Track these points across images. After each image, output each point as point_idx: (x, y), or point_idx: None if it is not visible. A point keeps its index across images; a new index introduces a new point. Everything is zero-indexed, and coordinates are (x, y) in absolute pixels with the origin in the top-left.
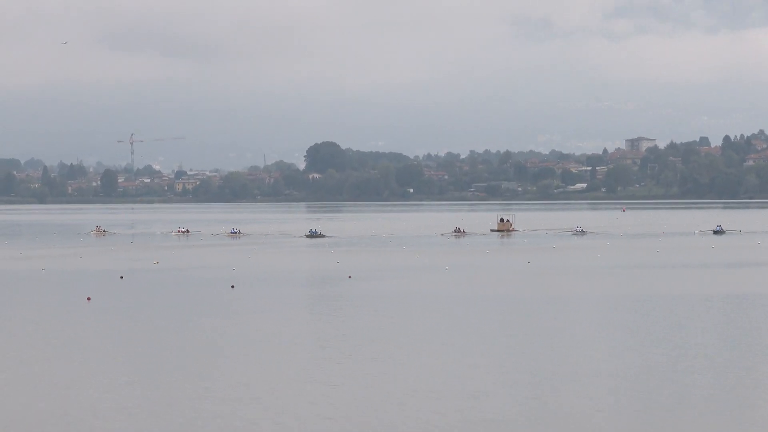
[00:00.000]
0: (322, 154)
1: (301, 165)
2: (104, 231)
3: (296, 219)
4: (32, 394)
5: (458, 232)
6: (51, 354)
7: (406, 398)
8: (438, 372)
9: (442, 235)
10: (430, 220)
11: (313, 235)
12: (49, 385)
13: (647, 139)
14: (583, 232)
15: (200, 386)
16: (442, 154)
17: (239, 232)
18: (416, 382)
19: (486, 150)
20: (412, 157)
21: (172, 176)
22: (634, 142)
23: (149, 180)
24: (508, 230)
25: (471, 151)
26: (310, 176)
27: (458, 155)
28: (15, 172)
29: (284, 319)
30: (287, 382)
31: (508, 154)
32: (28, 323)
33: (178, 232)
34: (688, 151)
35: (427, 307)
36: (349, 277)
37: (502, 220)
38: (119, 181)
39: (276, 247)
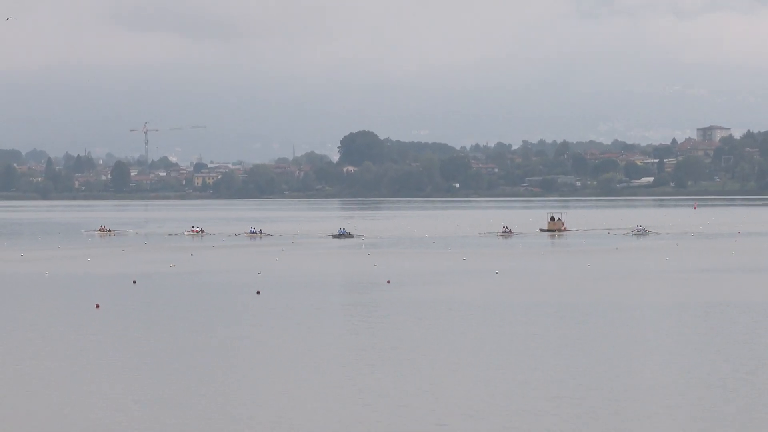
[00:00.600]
0: (358, 145)
1: (335, 157)
2: (109, 230)
3: (326, 217)
4: (35, 411)
5: (505, 231)
6: (55, 368)
7: (449, 417)
8: (486, 388)
9: (480, 234)
10: (478, 218)
11: (341, 235)
12: (52, 402)
13: (721, 128)
14: (644, 232)
15: (222, 406)
16: (491, 144)
17: (260, 232)
18: (461, 400)
19: (541, 140)
20: (458, 148)
21: (191, 169)
22: (706, 132)
23: (165, 173)
24: (559, 230)
25: (524, 141)
26: (345, 169)
27: (510, 146)
28: (15, 165)
29: (316, 329)
30: (319, 401)
31: (565, 144)
32: (30, 334)
33: (192, 232)
34: (767, 142)
35: (475, 316)
36: (388, 282)
37: (552, 218)
38: (132, 174)
39: (306, 249)
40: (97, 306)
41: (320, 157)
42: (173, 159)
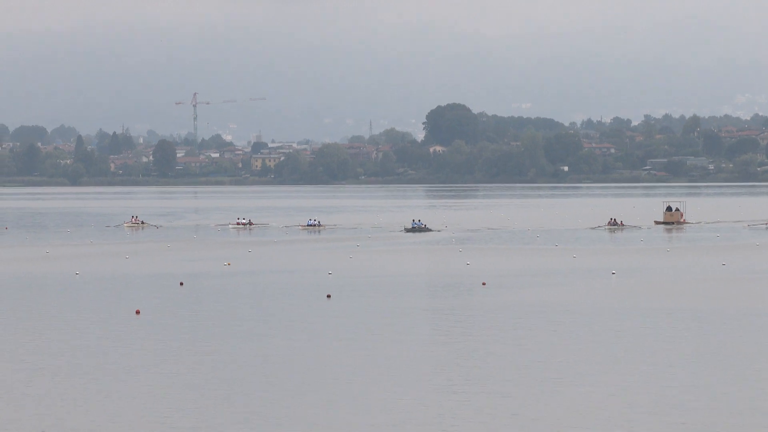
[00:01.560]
0: (447, 121)
1: (419, 135)
2: (142, 222)
3: (406, 206)
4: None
5: (614, 224)
6: (88, 387)
7: None
8: (601, 410)
9: (592, 228)
10: (590, 208)
11: (416, 228)
12: (86, 427)
13: None
14: None
15: None
16: (606, 120)
17: (319, 224)
18: (571, 424)
19: (666, 114)
20: (566, 124)
21: (248, 150)
22: None
23: (218, 154)
24: (678, 222)
25: (645, 116)
26: (431, 149)
27: (629, 122)
28: (40, 144)
29: (400, 341)
30: (408, 426)
31: (695, 119)
32: (60, 345)
33: (237, 224)
34: None
35: (590, 325)
36: (483, 284)
37: (669, 209)
38: (178, 156)
39: (384, 245)
40: (138, 312)
41: (402, 135)
42: (227, 137)
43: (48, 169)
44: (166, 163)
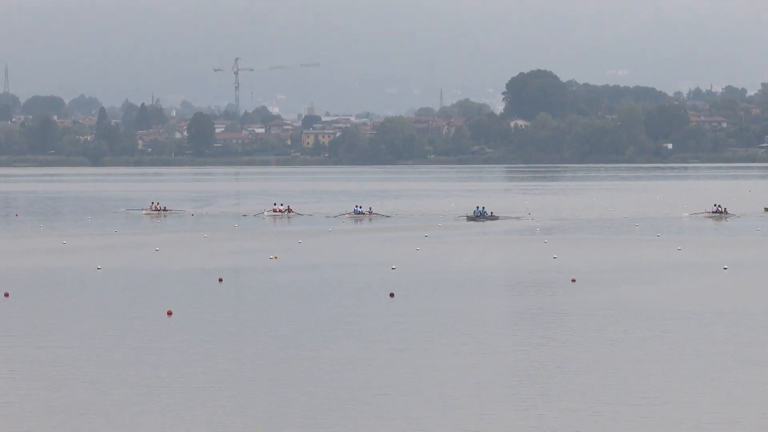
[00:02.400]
0: (531, 91)
1: (498, 107)
2: (164, 209)
3: (481, 190)
4: None
5: (717, 212)
6: (112, 399)
7: None
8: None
9: (691, 215)
10: (699, 191)
11: (479, 216)
12: None
13: None
14: None
15: None
16: (717, 89)
17: (369, 212)
18: None
19: None
20: (670, 94)
21: (299, 124)
22: None
23: (263, 130)
24: None
25: (763, 84)
26: (512, 124)
27: (743, 91)
28: (56, 118)
29: (476, 347)
30: None
31: None
32: (82, 352)
33: (274, 211)
34: None
35: (700, 331)
36: (573, 281)
37: None
38: (217, 131)
39: (461, 236)
40: (170, 313)
41: (478, 107)
42: (274, 110)
43: (65, 146)
44: (203, 140)
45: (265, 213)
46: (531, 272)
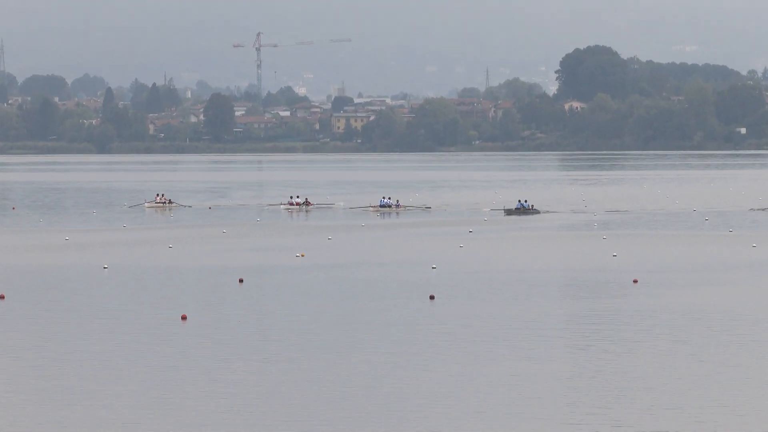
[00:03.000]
0: (587, 69)
1: (551, 87)
2: (170, 201)
3: (527, 180)
4: None
5: None
6: (122, 411)
7: None
8: None
9: (752, 210)
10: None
11: (521, 209)
12: None
13: None
14: None
15: None
16: None
17: (397, 205)
18: None
19: None
20: (744, 73)
21: (328, 107)
22: None
23: (288, 112)
24: None
25: None
26: (566, 106)
27: None
28: (57, 99)
29: (528, 355)
30: None
31: None
32: (89, 360)
33: (291, 204)
34: None
35: None
36: (635, 281)
37: None
38: (237, 114)
39: (510, 231)
40: (184, 318)
41: (528, 87)
42: (301, 91)
43: (67, 131)
44: (221, 124)
45: (281, 206)
46: (587, 272)
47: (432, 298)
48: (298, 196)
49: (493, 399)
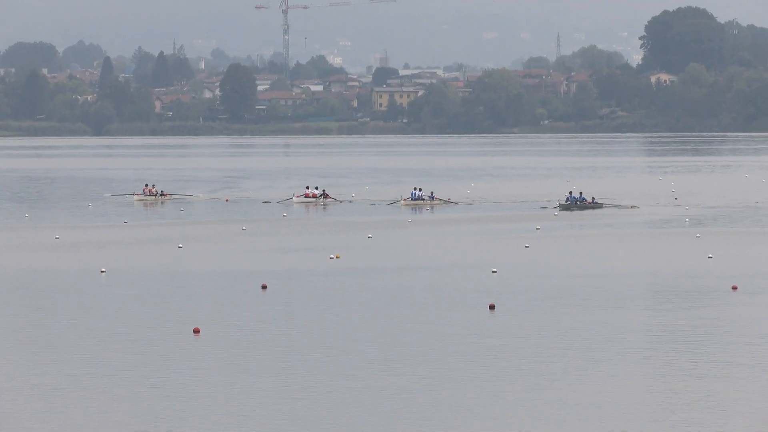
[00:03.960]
0: (678, 35)
1: (634, 56)
2: (162, 194)
3: (600, 167)
4: None
5: None
6: None
7: None
8: None
9: None
10: None
11: (575, 202)
12: None
13: None
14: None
15: None
16: None
17: (431, 198)
18: None
19: None
20: None
21: (368, 80)
22: None
23: (320, 87)
24: None
25: None
26: (653, 79)
27: None
28: (46, 71)
29: (607, 375)
30: None
31: None
32: (85, 382)
33: (306, 196)
34: None
35: None
36: (734, 288)
37: None
38: (260, 89)
39: (584, 229)
40: (197, 332)
41: (607, 56)
42: (335, 60)
43: (58, 109)
44: (241, 101)
45: (294, 198)
46: (678, 277)
47: (492, 308)
48: (317, 187)
49: (563, 427)
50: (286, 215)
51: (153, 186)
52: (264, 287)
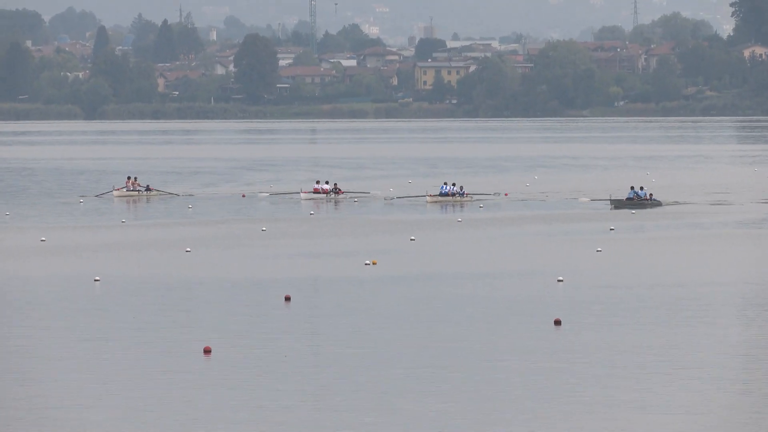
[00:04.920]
0: None
1: (724, 26)
2: (147, 189)
3: (677, 156)
4: None
5: None
6: None
7: None
8: None
9: None
10: None
11: (634, 198)
12: None
13: None
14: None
15: None
16: None
17: (462, 194)
18: None
19: None
20: None
21: (410, 53)
22: None
23: (354, 62)
24: None
25: None
26: (747, 53)
27: None
28: (30, 44)
29: (697, 400)
30: None
31: None
32: (79, 406)
33: (315, 192)
34: None
35: None
36: None
37: None
38: (282, 63)
39: (663, 229)
40: (207, 351)
41: (693, 26)
42: (371, 30)
43: (44, 88)
44: (259, 78)
45: (302, 194)
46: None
47: (558, 323)
48: (327, 182)
49: None
50: (314, 213)
51: (135, 179)
52: (287, 299)
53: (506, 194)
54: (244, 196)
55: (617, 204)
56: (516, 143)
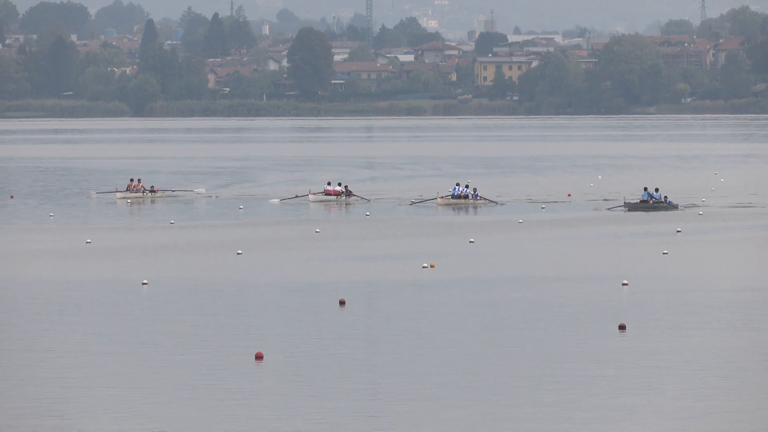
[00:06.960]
0: None
1: None
2: (151, 190)
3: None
4: None
5: None
6: None
7: None
8: None
9: None
10: None
11: (648, 201)
12: None
13: None
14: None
15: None
16: None
17: (475, 196)
18: None
19: None
20: None
21: (470, 47)
22: None
23: (411, 57)
24: None
25: None
26: None
27: None
28: (75, 38)
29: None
30: None
31: None
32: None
33: (326, 193)
34: None
35: None
36: None
37: None
38: (336, 59)
39: (743, 231)
40: (260, 357)
41: (762, 19)
42: (430, 24)
43: (90, 84)
44: (314, 74)
45: (311, 196)
46: None
47: (622, 328)
48: (339, 183)
49: None
50: (369, 214)
51: (138, 181)
52: (342, 303)
53: (569, 195)
54: (296, 196)
55: (631, 207)
56: (579, 141)
